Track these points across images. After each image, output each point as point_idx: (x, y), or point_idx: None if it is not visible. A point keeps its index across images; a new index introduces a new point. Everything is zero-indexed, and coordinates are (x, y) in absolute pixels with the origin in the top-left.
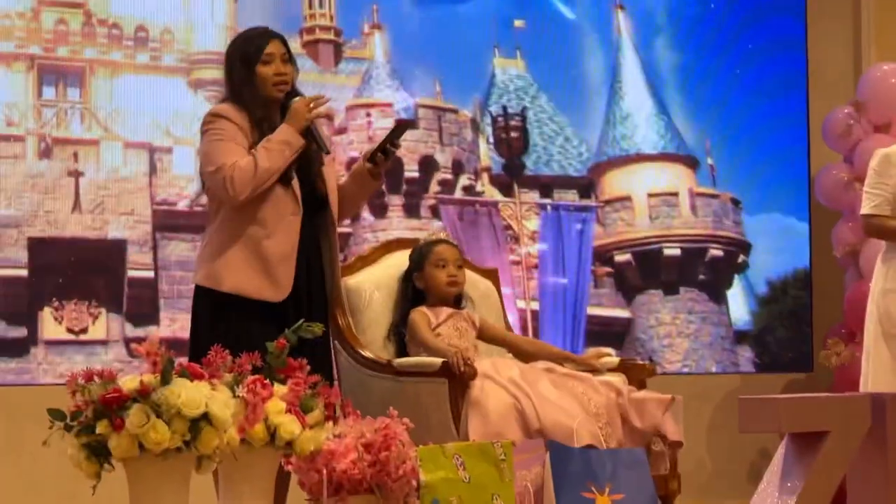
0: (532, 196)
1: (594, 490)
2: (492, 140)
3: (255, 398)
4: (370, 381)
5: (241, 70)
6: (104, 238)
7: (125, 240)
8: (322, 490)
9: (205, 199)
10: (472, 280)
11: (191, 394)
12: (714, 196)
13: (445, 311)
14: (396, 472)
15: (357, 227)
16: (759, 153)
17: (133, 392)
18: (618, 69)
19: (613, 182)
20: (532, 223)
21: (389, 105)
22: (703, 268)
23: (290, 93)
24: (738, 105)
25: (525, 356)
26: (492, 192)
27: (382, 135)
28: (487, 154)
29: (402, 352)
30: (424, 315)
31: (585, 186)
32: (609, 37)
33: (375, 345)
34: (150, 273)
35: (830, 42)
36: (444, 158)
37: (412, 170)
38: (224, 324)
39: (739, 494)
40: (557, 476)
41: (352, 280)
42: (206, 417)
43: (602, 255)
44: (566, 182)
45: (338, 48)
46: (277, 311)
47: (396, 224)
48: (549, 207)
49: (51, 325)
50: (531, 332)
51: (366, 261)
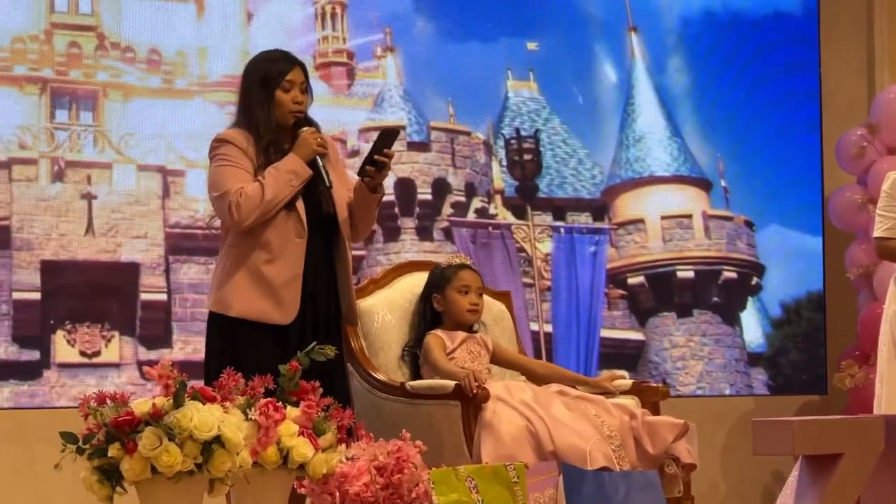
0: (545, 218)
1: None
2: (505, 162)
3: (268, 421)
4: (383, 404)
5: (259, 91)
6: (117, 261)
7: (138, 263)
8: None
9: (217, 223)
10: (486, 303)
11: (203, 417)
12: (728, 218)
13: (460, 336)
14: (409, 495)
15: (370, 250)
16: (773, 175)
17: (145, 415)
18: (631, 91)
19: (627, 204)
20: (545, 246)
21: (403, 127)
22: (717, 290)
23: (302, 120)
24: (752, 127)
25: (538, 379)
26: (505, 215)
27: (393, 160)
28: (500, 176)
29: (416, 374)
30: (439, 339)
31: (599, 209)
32: (622, 59)
33: (388, 367)
34: (163, 296)
35: (843, 64)
36: (457, 181)
37: (425, 192)
38: (234, 348)
39: None
40: (570, 499)
41: (364, 303)
42: (219, 440)
43: (615, 278)
44: (579, 204)
45: (350, 71)
46: (287, 334)
47: (409, 247)
48: (563, 230)
49: (64, 348)
50: (544, 355)
51: (378, 283)
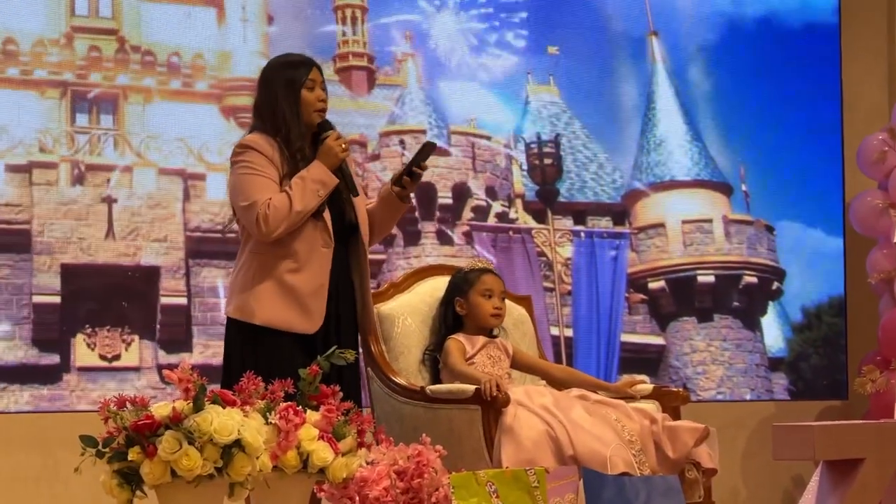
0: (566, 223)
1: None
2: (525, 167)
3: (288, 425)
4: (403, 408)
5: (287, 94)
6: (137, 264)
7: (158, 266)
8: None
9: (235, 226)
10: (507, 307)
11: (223, 420)
12: (748, 223)
13: (481, 340)
14: (429, 500)
15: (390, 254)
16: (794, 180)
17: (165, 419)
18: (651, 96)
19: (647, 209)
20: (566, 250)
21: (423, 131)
22: (738, 295)
23: (322, 123)
24: (773, 132)
25: (558, 384)
26: (525, 219)
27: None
28: (521, 181)
29: (436, 378)
30: (460, 343)
31: (619, 213)
32: (643, 63)
33: (408, 371)
34: (184, 300)
35: (864, 69)
36: (478, 185)
37: (445, 196)
38: (256, 354)
39: None
40: (591, 503)
41: (384, 307)
42: (239, 444)
43: (636, 282)
44: (600, 209)
45: (371, 74)
46: (308, 340)
47: (430, 251)
48: (583, 234)
49: (84, 352)
50: (565, 359)
51: (398, 287)
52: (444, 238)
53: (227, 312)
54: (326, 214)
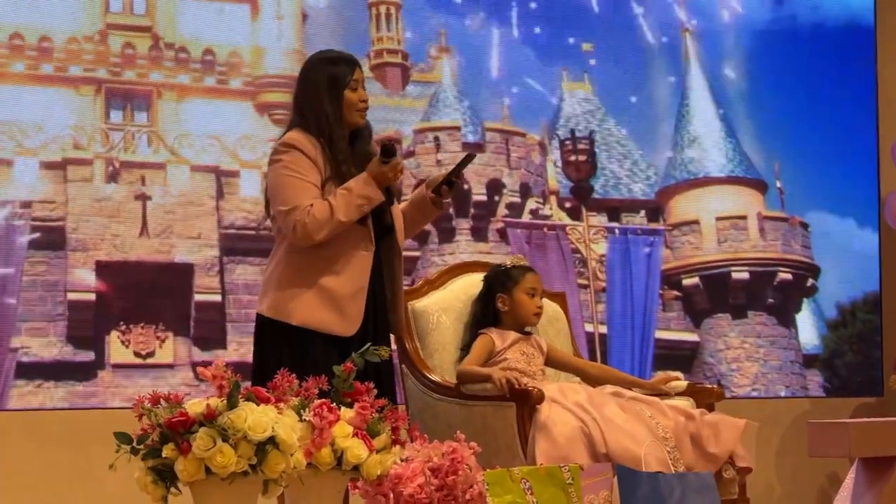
0: (600, 219)
1: None
2: (559, 163)
3: (322, 422)
4: (437, 405)
5: (331, 93)
6: (171, 262)
7: (192, 263)
8: None
9: (269, 223)
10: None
11: (257, 417)
12: (783, 219)
13: (512, 336)
14: (464, 497)
15: (425, 251)
16: (828, 176)
17: (199, 416)
18: (686, 92)
19: (681, 205)
20: (600, 246)
21: (457, 128)
22: (772, 291)
23: (389, 147)
24: (807, 128)
25: (592, 380)
26: (559, 216)
27: (449, 160)
28: (555, 177)
29: None
30: (488, 340)
31: (653, 210)
32: (677, 60)
33: (443, 368)
34: (218, 297)
35: None
36: (512, 182)
37: (480, 193)
38: (291, 354)
39: None
40: (625, 500)
41: (419, 304)
42: (273, 441)
43: (670, 279)
44: (634, 205)
45: (405, 71)
46: (344, 341)
47: (464, 247)
48: (617, 231)
49: (118, 349)
50: (599, 356)
51: (433, 284)
52: (479, 235)
53: (262, 311)
54: (368, 220)
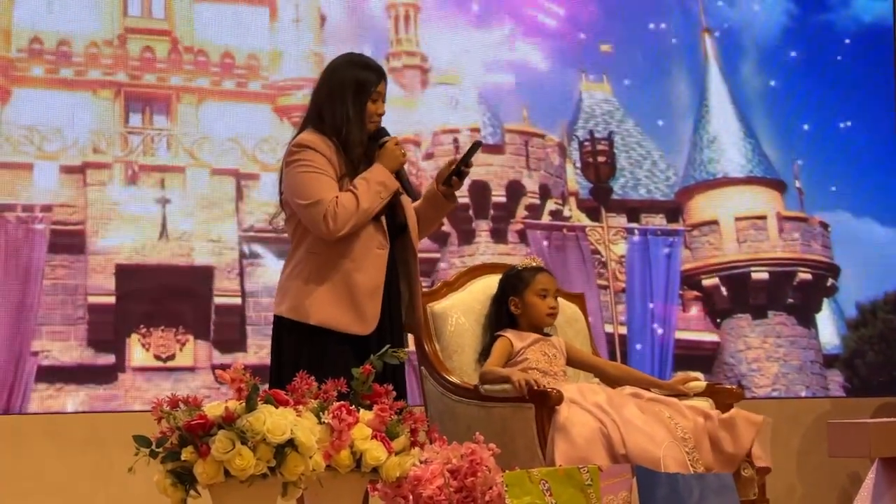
0: (619, 220)
1: None
2: (579, 164)
3: (341, 424)
4: (457, 407)
5: (356, 97)
6: (191, 265)
7: (212, 266)
8: None
9: (282, 223)
10: (560, 305)
11: (276, 420)
12: (802, 219)
13: (531, 336)
14: (483, 498)
15: (445, 253)
16: (848, 176)
17: (218, 419)
18: (704, 93)
19: (701, 206)
20: (619, 248)
21: (477, 129)
22: (792, 291)
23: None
24: (827, 128)
25: (611, 381)
26: (579, 217)
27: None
28: (574, 178)
29: None
30: (506, 342)
31: (673, 210)
32: (696, 60)
33: (462, 370)
34: (238, 300)
35: None
36: (531, 183)
37: (499, 195)
38: (309, 354)
39: None
40: (644, 501)
41: (437, 306)
42: (292, 443)
43: (690, 279)
44: (653, 206)
45: (424, 73)
46: (362, 341)
47: (484, 249)
48: (637, 232)
49: (139, 352)
50: (619, 357)
51: (451, 286)
52: (499, 236)
53: (280, 312)
54: (382, 218)
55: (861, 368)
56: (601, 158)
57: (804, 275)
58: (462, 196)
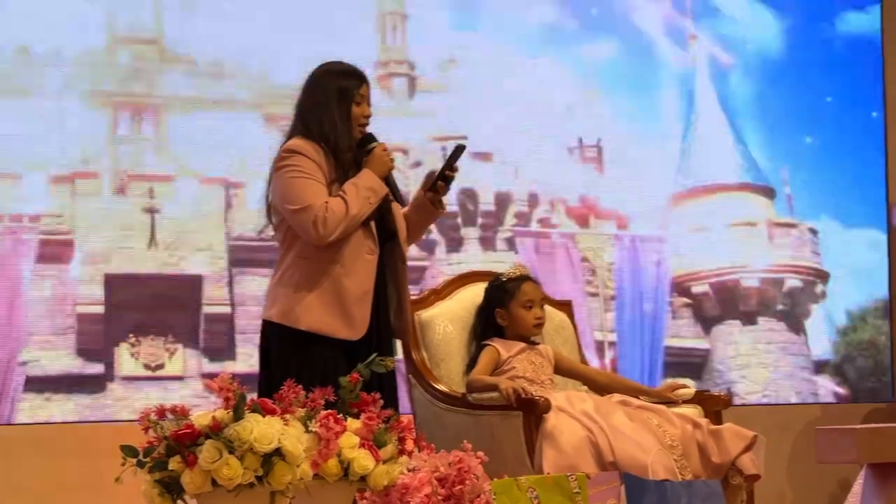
0: (608, 227)
1: None
2: (568, 170)
3: (329, 433)
4: (445, 415)
5: (340, 104)
6: (180, 274)
7: (201, 275)
8: None
9: (271, 232)
10: (548, 312)
11: (263, 429)
12: (792, 226)
13: (518, 345)
14: None
15: (433, 260)
16: (837, 182)
17: (205, 428)
18: (694, 99)
19: (690, 212)
20: (609, 254)
21: (465, 137)
22: (782, 298)
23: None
24: (815, 134)
25: (599, 389)
26: (568, 224)
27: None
28: (563, 185)
29: None
30: (493, 351)
31: (662, 217)
32: (686, 66)
33: (450, 378)
34: (227, 308)
35: None
36: (520, 190)
37: (487, 202)
38: (297, 359)
39: None
40: None
41: (425, 314)
42: (279, 453)
43: (679, 286)
44: (643, 213)
45: (412, 82)
46: (351, 347)
47: (473, 257)
48: (626, 238)
49: (127, 361)
50: (609, 364)
51: (439, 294)
52: (487, 244)
53: (269, 317)
54: (371, 223)
55: (851, 374)
56: (590, 164)
57: (794, 281)
58: (450, 204)
